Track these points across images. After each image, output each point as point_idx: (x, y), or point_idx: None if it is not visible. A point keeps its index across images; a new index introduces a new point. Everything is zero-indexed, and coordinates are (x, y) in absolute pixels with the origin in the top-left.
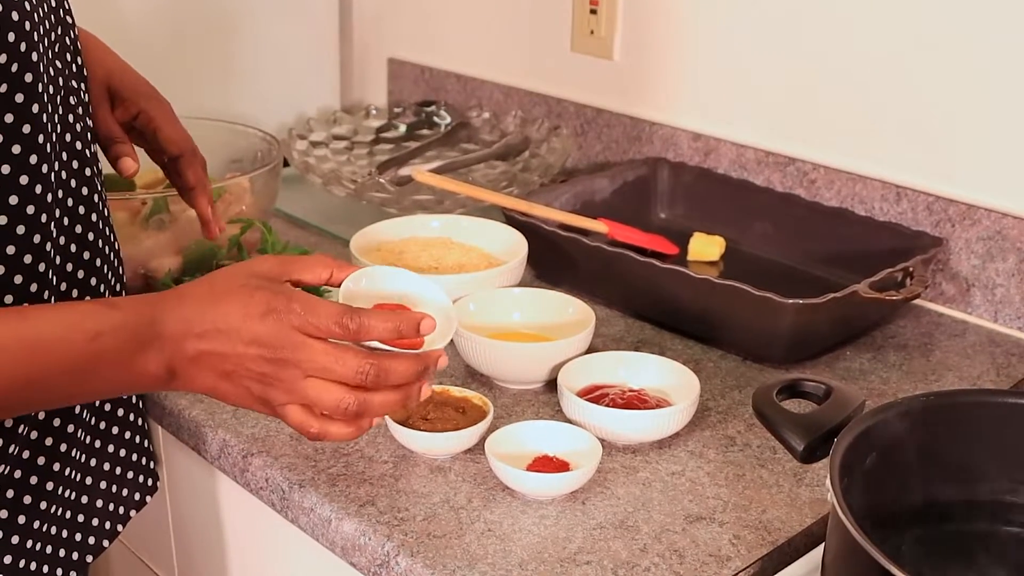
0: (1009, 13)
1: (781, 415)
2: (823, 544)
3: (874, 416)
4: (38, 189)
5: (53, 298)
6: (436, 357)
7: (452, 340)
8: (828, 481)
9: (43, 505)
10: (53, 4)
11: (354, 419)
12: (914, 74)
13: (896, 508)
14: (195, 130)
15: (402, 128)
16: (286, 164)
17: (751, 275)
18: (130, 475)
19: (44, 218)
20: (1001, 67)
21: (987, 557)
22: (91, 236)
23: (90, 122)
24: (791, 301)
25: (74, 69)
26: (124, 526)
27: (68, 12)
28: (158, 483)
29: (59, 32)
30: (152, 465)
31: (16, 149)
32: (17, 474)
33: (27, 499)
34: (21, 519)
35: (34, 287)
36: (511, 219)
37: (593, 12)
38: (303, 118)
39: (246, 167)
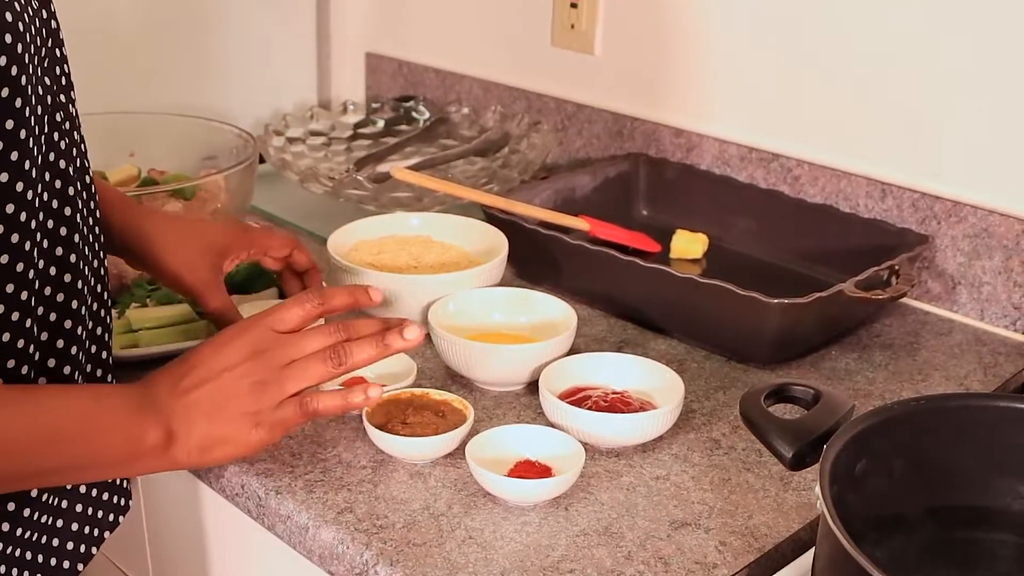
0: (996, 9)
1: (769, 421)
2: (811, 551)
3: (864, 421)
4: (23, 216)
5: (33, 324)
6: (399, 320)
7: (432, 342)
8: (818, 488)
9: (18, 532)
10: (44, 16)
11: (338, 367)
12: (899, 69)
13: (887, 514)
14: (170, 126)
15: (380, 124)
16: (262, 161)
17: (734, 273)
18: (106, 496)
19: (28, 246)
20: (987, 63)
21: (978, 564)
22: (72, 258)
23: (76, 136)
24: (776, 301)
25: (63, 83)
26: (99, 548)
27: (54, 16)
28: (130, 501)
29: (49, 45)
30: (126, 484)
31: (3, 177)
32: None
33: (4, 526)
34: None
35: (16, 315)
36: (491, 217)
37: (574, 6)
38: (279, 114)
39: (221, 164)
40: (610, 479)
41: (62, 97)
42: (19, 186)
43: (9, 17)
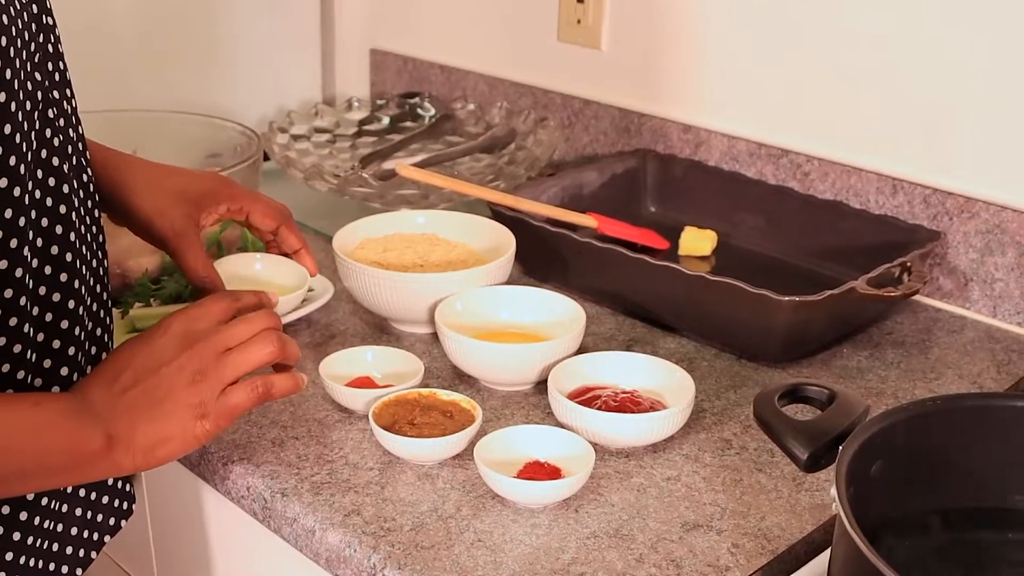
0: (1008, 3)
1: (784, 423)
2: (825, 552)
3: (880, 422)
4: (8, 214)
5: (27, 325)
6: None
7: (440, 341)
8: (834, 491)
9: (15, 536)
10: (35, 11)
11: (282, 348)
12: (910, 63)
13: (903, 516)
14: (174, 124)
15: (385, 120)
16: (267, 158)
17: (744, 270)
18: (106, 499)
19: (15, 243)
20: (999, 56)
21: (995, 565)
22: (68, 257)
23: (72, 133)
24: (787, 299)
25: (57, 79)
26: (98, 553)
27: (49, 13)
28: (134, 505)
29: (40, 40)
30: (129, 488)
31: None
32: None
33: (1, 531)
34: None
35: (4, 314)
36: (498, 214)
37: (580, 1)
38: (284, 111)
39: (225, 162)
40: (620, 480)
41: (55, 93)
42: (3, 182)
43: None
